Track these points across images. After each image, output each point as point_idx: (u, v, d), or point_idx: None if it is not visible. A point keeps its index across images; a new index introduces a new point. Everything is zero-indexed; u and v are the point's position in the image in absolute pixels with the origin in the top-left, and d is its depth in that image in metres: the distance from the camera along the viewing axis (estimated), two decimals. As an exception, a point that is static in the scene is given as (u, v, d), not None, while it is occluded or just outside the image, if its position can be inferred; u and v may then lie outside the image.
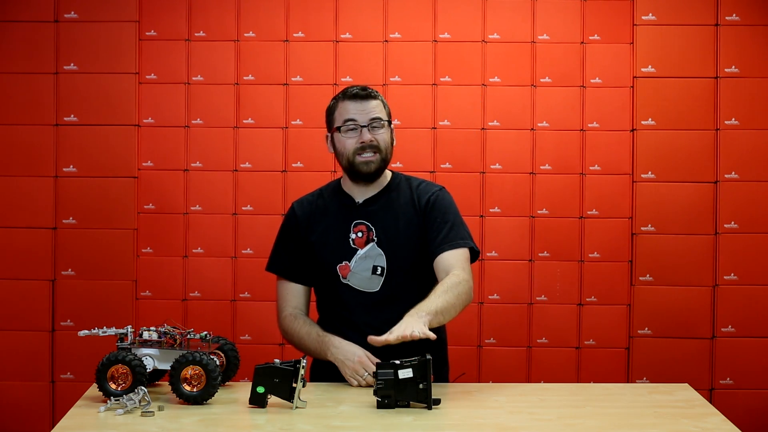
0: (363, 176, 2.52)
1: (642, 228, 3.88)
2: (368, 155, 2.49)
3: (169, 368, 2.19)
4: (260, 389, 2.17)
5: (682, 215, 3.87)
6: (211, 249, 3.93)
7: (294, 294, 2.61)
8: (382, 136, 2.51)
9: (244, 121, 3.94)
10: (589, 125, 3.92)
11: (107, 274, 3.90)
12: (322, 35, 3.94)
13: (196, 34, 3.94)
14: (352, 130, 2.49)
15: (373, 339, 2.25)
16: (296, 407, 2.16)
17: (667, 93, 3.88)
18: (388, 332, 2.25)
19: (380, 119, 2.51)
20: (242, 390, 2.37)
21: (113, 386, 2.19)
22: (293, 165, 3.94)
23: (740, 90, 3.86)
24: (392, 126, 2.57)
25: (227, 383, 2.40)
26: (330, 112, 2.56)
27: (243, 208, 3.93)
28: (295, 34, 3.95)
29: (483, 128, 3.93)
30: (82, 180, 3.90)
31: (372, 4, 3.94)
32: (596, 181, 3.91)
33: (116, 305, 3.88)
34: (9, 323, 3.88)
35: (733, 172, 3.86)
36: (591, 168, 3.92)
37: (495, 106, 3.93)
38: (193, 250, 3.94)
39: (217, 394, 2.21)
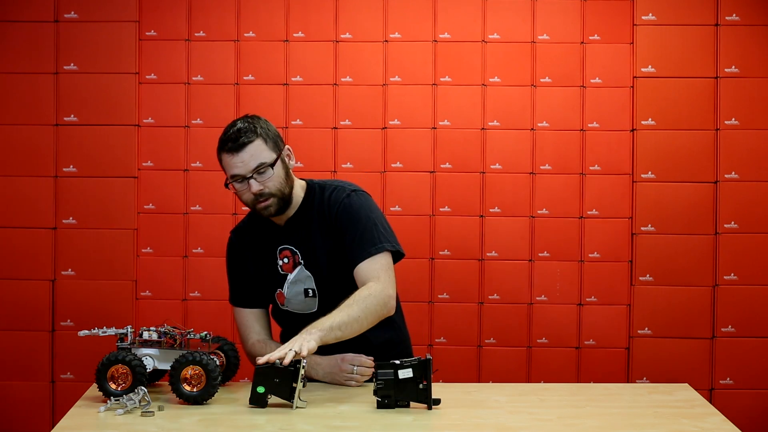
0: (265, 216, 2.48)
1: (642, 228, 3.88)
2: (264, 202, 2.43)
3: (169, 368, 2.19)
4: (260, 389, 2.17)
5: (682, 215, 3.87)
6: (211, 249, 3.92)
7: (254, 320, 2.57)
8: (272, 179, 2.41)
9: (244, 121, 3.93)
10: (589, 125, 3.92)
11: (107, 274, 3.90)
12: (322, 35, 3.94)
13: (196, 34, 3.94)
14: (240, 182, 2.42)
15: (260, 360, 2.21)
16: (296, 407, 2.16)
17: (667, 93, 3.88)
18: (278, 350, 2.21)
19: (262, 164, 2.39)
20: (242, 390, 2.37)
21: (113, 386, 2.19)
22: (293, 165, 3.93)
23: (740, 90, 3.85)
24: (283, 153, 2.45)
25: (227, 383, 2.40)
26: (219, 159, 2.46)
27: (243, 208, 3.92)
28: (295, 34, 3.95)
29: (483, 128, 3.93)
30: (82, 180, 3.90)
31: (372, 4, 3.94)
32: (596, 181, 3.91)
33: (116, 305, 3.88)
34: (9, 323, 3.88)
35: (733, 172, 3.86)
36: (591, 168, 3.92)
37: (495, 106, 3.93)
38: (193, 250, 3.94)
39: (217, 394, 2.21)
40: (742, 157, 3.85)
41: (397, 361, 2.17)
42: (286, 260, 2.51)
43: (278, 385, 2.17)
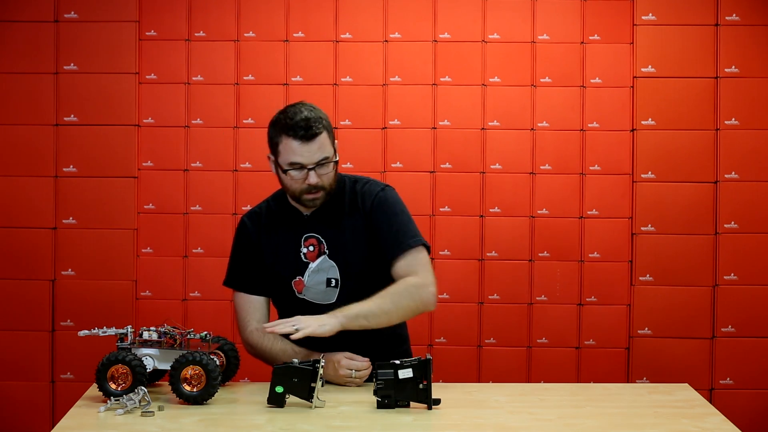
0: (308, 208, 2.49)
1: (642, 228, 3.88)
2: (314, 194, 2.43)
3: (169, 368, 2.19)
4: (279, 389, 2.17)
5: (682, 215, 3.87)
6: (211, 249, 3.93)
7: (256, 307, 2.55)
8: (328, 175, 2.43)
9: (244, 121, 3.94)
10: (589, 125, 3.92)
11: (107, 274, 3.90)
12: (322, 35, 3.94)
13: (196, 34, 3.94)
14: (298, 170, 2.41)
15: (267, 327, 2.33)
16: (315, 407, 2.17)
17: (667, 93, 3.88)
18: (285, 322, 2.30)
19: (327, 159, 2.40)
20: (242, 390, 2.37)
21: (113, 386, 2.19)
22: (293, 165, 3.93)
23: (740, 90, 3.86)
24: (336, 148, 2.45)
25: (227, 383, 2.40)
26: (273, 138, 2.44)
27: (243, 208, 3.93)
28: (295, 34, 3.95)
29: (483, 128, 3.93)
30: (82, 180, 3.90)
31: (372, 4, 3.94)
32: (596, 181, 3.91)
33: (116, 305, 3.88)
34: (9, 323, 3.88)
35: (733, 172, 3.86)
36: (591, 168, 3.92)
37: (495, 106, 3.93)
38: (193, 250, 3.94)
39: (217, 394, 2.21)
40: (742, 157, 3.85)
41: (397, 361, 2.17)
42: (311, 248, 2.50)
43: (296, 384, 2.17)
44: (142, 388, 2.16)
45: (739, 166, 3.85)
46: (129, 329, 2.27)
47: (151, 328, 2.27)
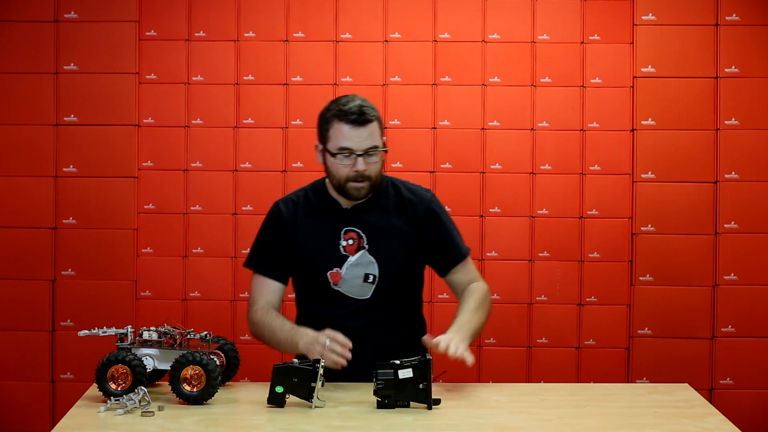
0: (352, 199, 2.50)
1: (642, 228, 3.88)
2: (359, 183, 2.44)
3: (169, 368, 2.19)
4: (279, 389, 2.17)
5: (682, 215, 3.87)
6: (211, 249, 3.93)
7: (271, 290, 2.54)
8: (376, 165, 2.45)
9: (244, 121, 3.94)
10: (589, 125, 3.92)
11: (107, 274, 3.90)
12: (322, 35, 3.94)
13: (196, 34, 3.94)
14: (346, 156, 2.43)
15: (426, 340, 2.37)
16: (315, 407, 2.17)
17: (667, 93, 3.88)
18: (440, 339, 2.33)
19: (376, 147, 2.44)
20: (242, 390, 2.37)
21: (113, 386, 2.19)
22: (293, 165, 3.94)
23: (740, 90, 3.86)
24: (384, 141, 2.50)
25: (227, 383, 2.40)
26: (324, 126, 2.47)
27: (243, 208, 3.93)
28: (295, 34, 3.95)
29: (483, 128, 3.93)
30: (82, 180, 3.90)
31: (372, 4, 3.94)
32: (596, 181, 3.91)
33: (116, 305, 3.88)
34: (9, 323, 3.88)
35: (733, 172, 3.86)
36: (591, 168, 3.92)
37: (495, 106, 3.93)
38: (193, 250, 3.94)
39: (217, 394, 2.21)
40: (742, 157, 3.85)
41: (397, 361, 2.17)
42: (351, 242, 2.49)
43: (297, 384, 2.17)
44: (142, 388, 2.16)
45: (739, 166, 3.85)
46: (129, 329, 2.27)
47: (151, 328, 2.27)
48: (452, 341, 2.32)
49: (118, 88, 3.90)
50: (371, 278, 2.49)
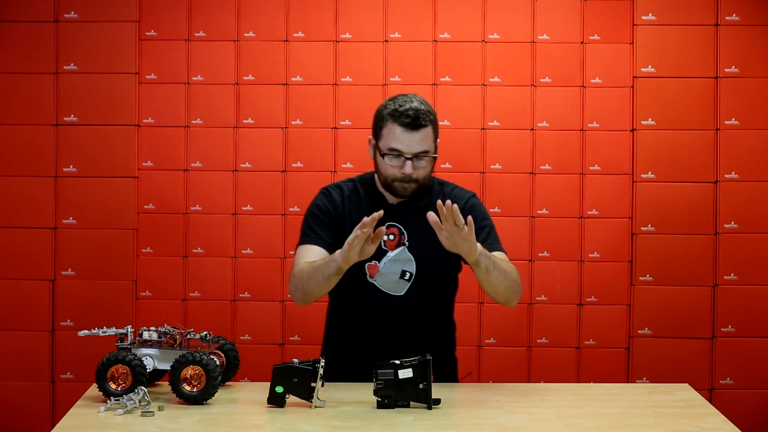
0: (398, 196, 2.50)
1: (642, 228, 3.88)
2: (406, 184, 2.45)
3: (169, 368, 2.19)
4: (279, 389, 2.17)
5: (682, 215, 3.87)
6: (211, 249, 3.93)
7: (316, 254, 2.47)
8: (424, 169, 2.44)
9: (244, 121, 3.94)
10: (589, 125, 3.92)
11: (107, 274, 3.90)
12: (322, 35, 3.94)
13: (196, 34, 3.94)
14: (396, 157, 2.43)
15: (433, 215, 2.25)
16: (315, 407, 2.17)
17: (667, 93, 3.88)
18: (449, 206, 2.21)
19: (426, 152, 2.42)
20: (242, 390, 2.37)
21: (113, 386, 2.19)
22: (293, 165, 3.94)
23: (740, 90, 3.86)
24: (437, 145, 2.49)
25: (227, 383, 2.40)
26: (378, 122, 2.46)
27: (243, 208, 3.93)
28: (295, 34, 3.95)
29: (483, 128, 3.93)
30: (82, 180, 3.90)
31: (372, 4, 3.94)
32: (596, 181, 3.91)
33: (116, 305, 3.88)
34: (9, 323, 3.88)
35: (733, 172, 3.86)
36: (591, 168, 3.92)
37: (495, 106, 3.93)
38: (193, 250, 3.94)
39: (217, 394, 2.21)
40: (742, 157, 3.85)
41: (397, 361, 2.17)
42: (391, 237, 2.50)
43: (297, 384, 2.17)
44: (142, 388, 2.16)
45: (739, 166, 3.85)
46: (129, 329, 2.26)
47: (151, 328, 2.27)
48: (456, 211, 2.21)
49: (118, 88, 3.90)
50: (408, 275, 2.50)
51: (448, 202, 2.22)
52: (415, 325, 2.50)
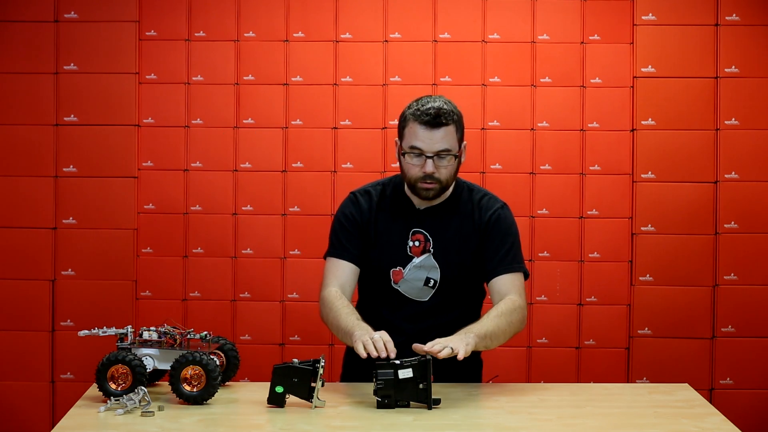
0: (422, 198, 2.49)
1: (642, 228, 3.88)
2: (428, 184, 2.43)
3: (169, 368, 2.19)
4: (279, 389, 2.17)
5: (682, 215, 3.87)
6: (211, 249, 3.93)
7: (345, 272, 2.51)
8: (446, 168, 2.42)
9: (244, 121, 3.94)
10: (589, 125, 3.92)
11: (107, 274, 3.90)
12: (322, 35, 3.94)
13: (196, 34, 3.94)
14: (417, 156, 2.42)
15: (417, 347, 2.23)
16: (315, 407, 2.17)
17: (667, 93, 3.88)
18: (433, 343, 2.24)
19: (447, 151, 2.41)
20: (242, 390, 2.37)
21: (113, 386, 2.19)
22: (293, 165, 3.94)
23: (740, 90, 3.86)
24: (463, 146, 2.47)
25: (227, 383, 2.40)
26: (402, 123, 2.46)
27: (243, 208, 3.93)
28: (295, 34, 3.95)
29: (483, 128, 3.93)
30: (82, 180, 3.90)
31: (372, 4, 3.94)
32: (596, 181, 3.91)
33: (116, 305, 3.88)
34: (9, 323, 3.88)
35: (733, 172, 3.86)
36: (591, 168, 3.92)
37: (495, 106, 3.93)
38: (193, 250, 3.94)
39: (217, 394, 2.21)
40: (742, 157, 3.85)
41: (397, 361, 2.17)
42: (417, 243, 2.50)
43: (296, 384, 2.17)
44: (142, 388, 2.16)
45: (739, 166, 3.85)
46: (129, 329, 2.27)
47: (151, 328, 2.27)
48: (439, 342, 2.23)
49: (118, 88, 3.90)
50: (432, 282, 2.49)
51: (422, 347, 2.22)
52: (438, 332, 2.39)
